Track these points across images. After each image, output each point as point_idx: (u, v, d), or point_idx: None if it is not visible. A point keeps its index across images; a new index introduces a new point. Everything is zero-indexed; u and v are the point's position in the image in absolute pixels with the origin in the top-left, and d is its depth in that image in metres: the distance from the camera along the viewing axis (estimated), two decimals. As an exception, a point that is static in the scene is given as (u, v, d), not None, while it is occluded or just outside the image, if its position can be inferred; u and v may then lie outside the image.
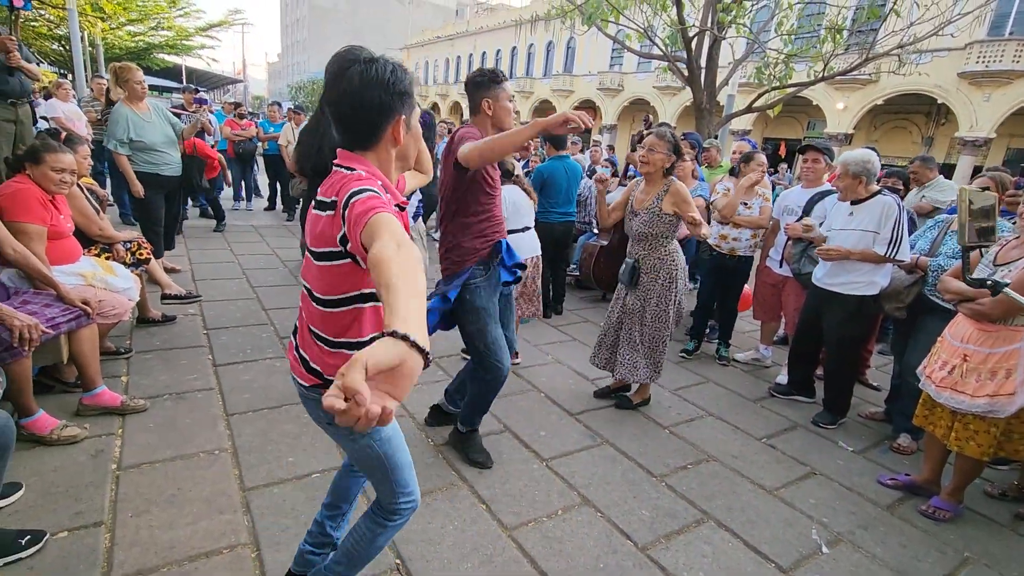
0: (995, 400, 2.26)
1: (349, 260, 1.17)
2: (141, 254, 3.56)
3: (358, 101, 1.19)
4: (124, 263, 3.39)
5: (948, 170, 16.65)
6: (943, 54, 15.66)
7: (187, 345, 3.52)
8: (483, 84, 2.33)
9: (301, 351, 1.37)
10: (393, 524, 1.46)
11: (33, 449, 2.30)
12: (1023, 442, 2.40)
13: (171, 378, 3.06)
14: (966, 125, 17.12)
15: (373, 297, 1.26)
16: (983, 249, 2.51)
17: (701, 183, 4.42)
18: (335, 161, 1.28)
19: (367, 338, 1.29)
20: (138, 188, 4.14)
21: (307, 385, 1.36)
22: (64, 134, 3.33)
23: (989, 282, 1.77)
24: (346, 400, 0.65)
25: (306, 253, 1.27)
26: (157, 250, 4.40)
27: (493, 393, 2.52)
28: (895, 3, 6.57)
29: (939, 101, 17.82)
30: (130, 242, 3.54)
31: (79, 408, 2.60)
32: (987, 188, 2.85)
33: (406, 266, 0.89)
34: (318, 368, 1.33)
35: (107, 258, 3.32)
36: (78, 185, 3.18)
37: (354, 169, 1.24)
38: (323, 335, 1.30)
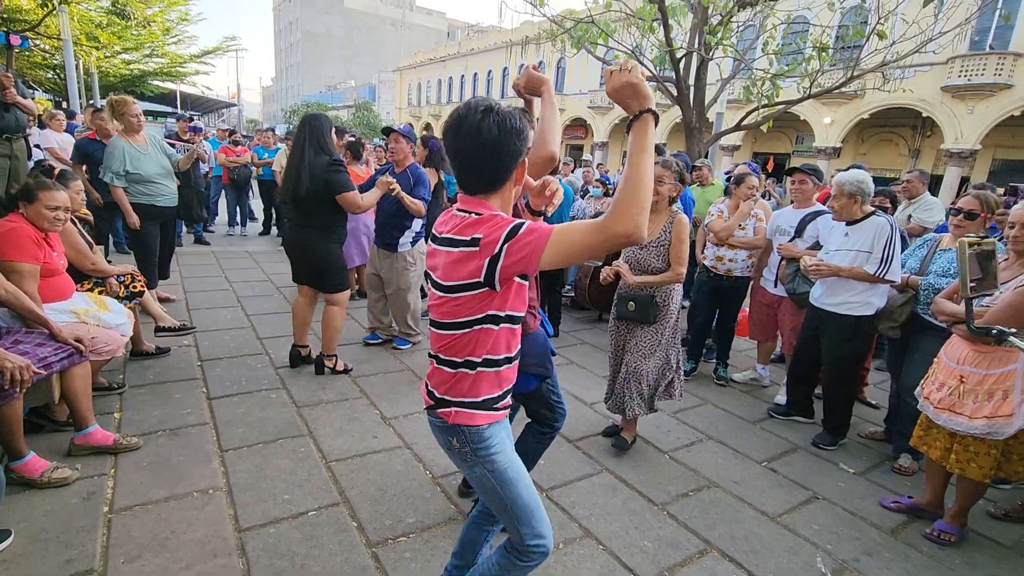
0: (993, 422, 2.26)
1: (485, 288, 1.26)
2: (135, 287, 3.54)
3: (497, 150, 1.28)
4: (118, 297, 3.37)
5: (935, 181, 16.88)
6: (926, 69, 15.97)
7: (181, 378, 3.48)
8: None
9: (427, 381, 1.49)
10: (523, 564, 1.49)
11: (23, 493, 2.25)
12: (1022, 463, 2.40)
13: (164, 413, 3.03)
14: (951, 137, 17.39)
15: (501, 319, 1.34)
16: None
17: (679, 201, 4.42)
18: (460, 207, 1.36)
19: (499, 356, 1.38)
20: (134, 220, 4.14)
21: (425, 407, 1.48)
22: (57, 170, 3.33)
23: (994, 331, 1.78)
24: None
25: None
26: (151, 281, 4.38)
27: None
28: (878, 23, 6.70)
29: (924, 114, 18.12)
30: (123, 275, 3.52)
31: (71, 448, 2.56)
32: (973, 210, 2.88)
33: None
34: (432, 389, 1.44)
35: (100, 292, 3.30)
36: (72, 219, 3.17)
37: (480, 213, 1.31)
38: (446, 359, 1.40)
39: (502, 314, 1.33)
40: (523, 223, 1.21)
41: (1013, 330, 1.92)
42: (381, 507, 2.39)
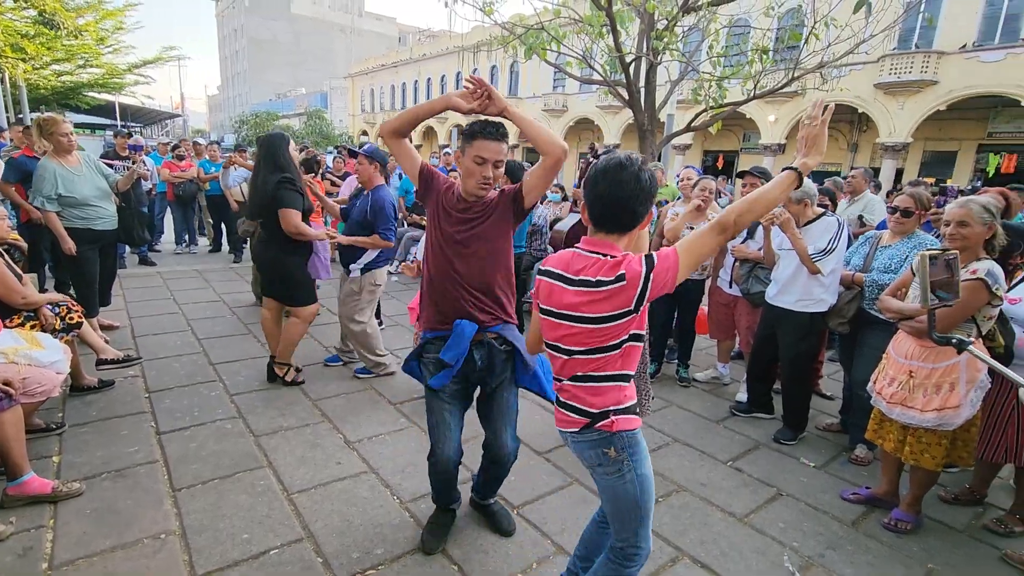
0: (943, 414, 2.36)
1: (634, 314, 1.47)
2: (72, 318, 3.31)
3: (644, 198, 1.49)
4: (54, 329, 3.15)
5: (874, 173, 17.77)
6: (859, 67, 16.78)
7: (127, 413, 3.29)
8: (461, 133, 2.07)
9: (567, 403, 1.61)
10: (629, 570, 1.65)
11: (-51, 555, 2.07)
12: (967, 449, 2.52)
13: (109, 453, 2.84)
14: (885, 132, 18.36)
15: (641, 336, 1.55)
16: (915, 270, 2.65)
17: None
18: (589, 248, 1.53)
19: (634, 367, 1.59)
20: (69, 245, 3.89)
21: (577, 429, 1.59)
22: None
23: (954, 340, 1.85)
24: None
25: (551, 318, 1.58)
26: (91, 310, 4.13)
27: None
28: (813, 27, 6.98)
29: (860, 110, 19.06)
30: (58, 305, 3.30)
31: (3, 500, 2.36)
32: (909, 208, 3.02)
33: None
34: (587, 408, 1.57)
35: (33, 326, 3.08)
36: (-3, 251, 2.95)
37: (614, 255, 1.49)
38: (605, 375, 1.55)
39: (641, 332, 1.54)
40: (653, 255, 1.45)
41: (972, 339, 2.01)
42: (347, 539, 2.31)
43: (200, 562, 2.13)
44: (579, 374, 1.57)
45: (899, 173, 19.04)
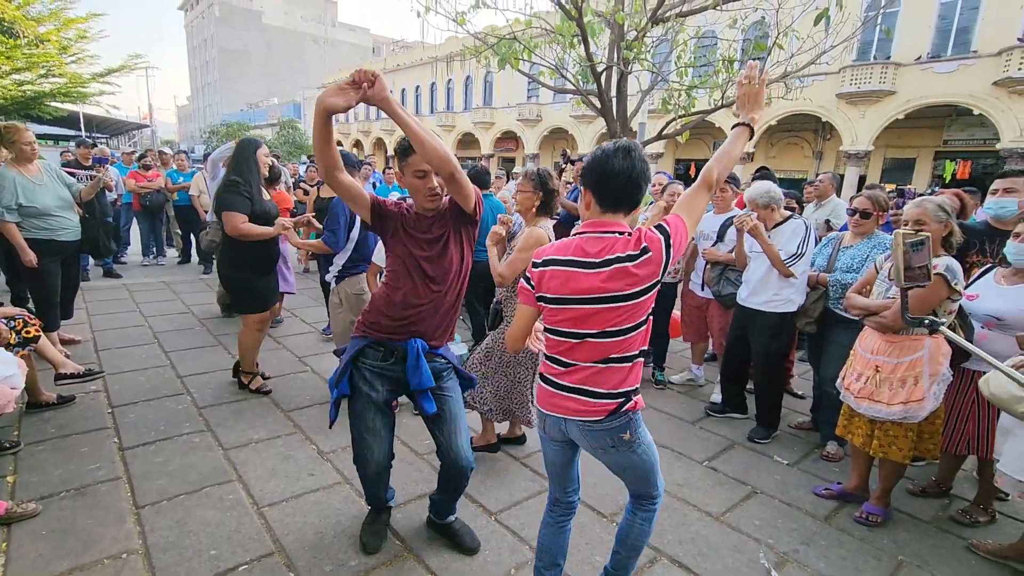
0: (908, 407, 2.42)
1: (658, 284, 1.58)
2: (28, 332, 3.17)
3: (648, 176, 1.60)
4: (8, 344, 3.02)
5: (838, 180, 18.34)
6: (822, 78, 17.29)
7: (88, 429, 3.16)
8: (396, 153, 2.01)
9: (591, 389, 1.63)
10: (658, 505, 1.83)
11: None
12: (932, 441, 2.59)
13: (68, 471, 2.73)
14: (848, 140, 18.98)
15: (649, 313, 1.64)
16: (879, 268, 2.73)
17: None
18: (604, 229, 1.59)
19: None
20: (29, 257, 3.75)
21: (603, 416, 1.62)
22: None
23: (927, 320, 1.89)
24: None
25: (581, 304, 1.58)
26: (51, 324, 3.98)
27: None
28: (777, 37, 7.20)
29: (824, 119, 19.68)
30: (13, 319, 3.16)
31: (-48, 523, 2.25)
32: (867, 210, 3.11)
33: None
34: (613, 390, 1.62)
35: (-16, 342, 2.95)
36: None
37: (626, 232, 1.58)
38: (627, 355, 1.62)
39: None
40: (662, 224, 1.57)
41: (944, 320, 2.06)
42: (320, 552, 2.25)
43: (164, 581, 2.04)
44: (612, 356, 1.61)
45: (862, 179, 19.65)
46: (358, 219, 3.51)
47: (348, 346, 2.17)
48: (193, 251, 8.27)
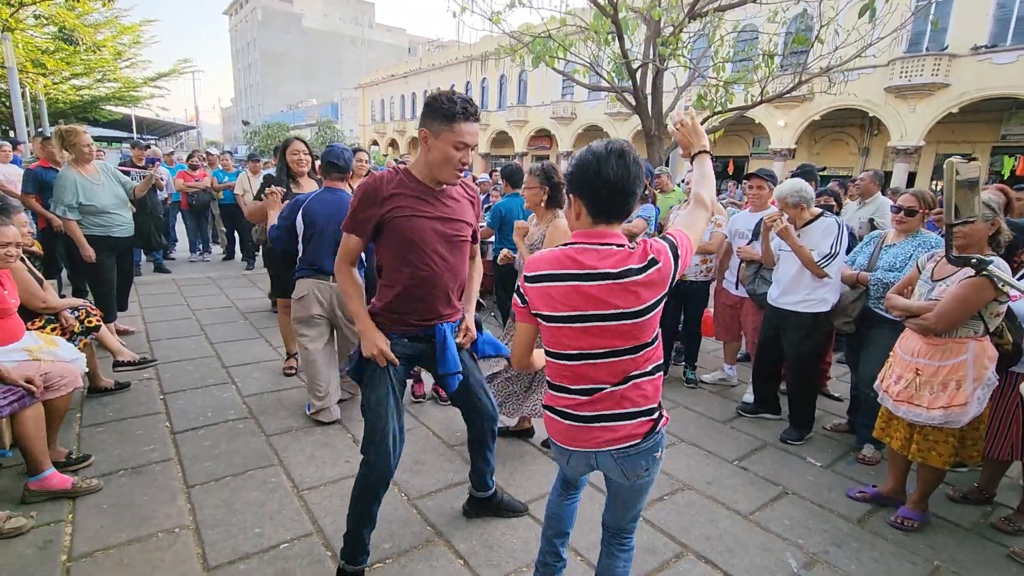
0: (950, 411, 2.36)
1: (667, 297, 1.48)
2: (90, 321, 3.41)
3: (637, 183, 1.45)
4: (73, 332, 3.25)
5: (886, 177, 17.63)
6: (869, 71, 16.72)
7: (143, 413, 3.37)
8: (431, 112, 1.83)
9: (623, 411, 1.51)
10: (632, 544, 1.75)
11: (-27, 546, 2.14)
12: (976, 448, 2.50)
13: (126, 451, 2.92)
14: (897, 135, 18.21)
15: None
16: (921, 268, 2.66)
17: (645, 207, 4.49)
18: (602, 241, 1.46)
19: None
20: (89, 253, 4.01)
21: (640, 439, 1.51)
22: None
23: (974, 260, 1.79)
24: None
25: (600, 322, 1.45)
26: (109, 314, 4.24)
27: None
28: (819, 31, 7.00)
29: (871, 114, 18.94)
30: (77, 310, 3.39)
31: (25, 495, 2.44)
32: (912, 207, 3.03)
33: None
34: (644, 408, 1.52)
35: (53, 329, 3.18)
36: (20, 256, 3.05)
37: (624, 244, 1.46)
38: (649, 369, 1.52)
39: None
40: (669, 237, 1.49)
41: (993, 258, 1.96)
42: (356, 534, 2.35)
43: (212, 555, 2.18)
44: (632, 373, 1.49)
45: (911, 176, 18.86)
46: (299, 227, 3.28)
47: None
48: (237, 248, 8.61)
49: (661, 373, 1.57)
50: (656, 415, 1.54)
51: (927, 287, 2.57)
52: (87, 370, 3.11)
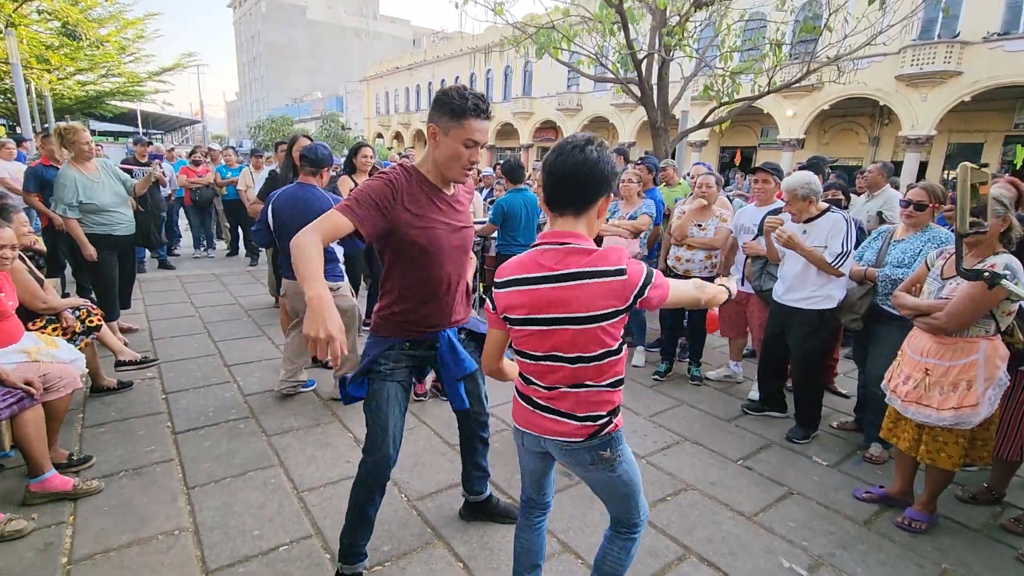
0: (960, 412, 2.31)
1: (625, 314, 1.45)
2: (91, 321, 3.41)
3: (595, 173, 1.41)
4: (75, 333, 3.25)
5: (896, 167, 17.39)
6: (880, 59, 16.46)
7: (144, 413, 3.37)
8: (441, 107, 1.74)
9: (570, 412, 1.54)
10: (637, 537, 1.72)
11: (-26, 549, 2.14)
12: (986, 448, 2.46)
13: (127, 452, 2.92)
14: (908, 124, 17.94)
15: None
16: (930, 265, 2.60)
17: (647, 201, 4.43)
18: (555, 240, 1.45)
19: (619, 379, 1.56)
20: (90, 251, 4.00)
21: (583, 438, 1.54)
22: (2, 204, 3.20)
23: (986, 273, 1.74)
24: None
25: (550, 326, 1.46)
26: (112, 313, 4.25)
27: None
28: (828, 19, 6.87)
29: (881, 103, 18.67)
30: (78, 309, 3.39)
31: (26, 496, 2.44)
32: (922, 201, 2.96)
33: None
34: (593, 414, 1.53)
35: (54, 330, 3.18)
36: (20, 256, 3.05)
37: (585, 245, 1.45)
38: (605, 383, 1.52)
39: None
40: (653, 272, 1.44)
41: (1007, 272, 1.91)
42: (355, 536, 2.33)
43: (212, 557, 2.17)
44: (587, 382, 1.51)
45: (923, 166, 18.61)
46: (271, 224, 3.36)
47: (367, 348, 2.01)
48: (241, 244, 8.61)
49: (620, 389, 1.57)
50: (602, 421, 1.54)
51: (936, 285, 2.51)
52: (87, 371, 3.11)
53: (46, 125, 14.90)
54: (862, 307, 3.16)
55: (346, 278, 3.77)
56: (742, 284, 4.00)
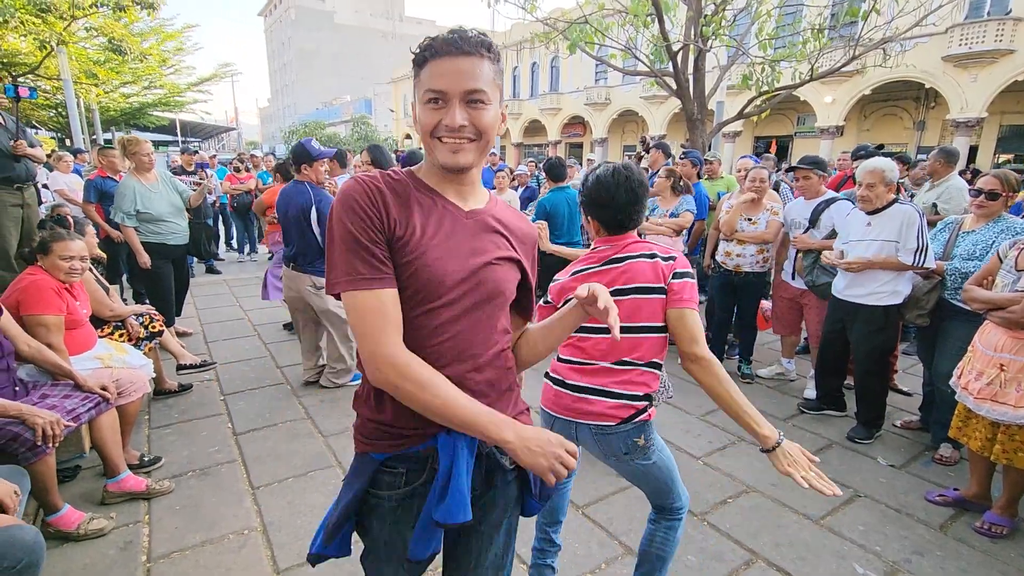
0: (1040, 410, 2.19)
1: (664, 296, 1.62)
2: (154, 327, 3.54)
3: (646, 194, 1.73)
4: (139, 338, 3.38)
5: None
6: (925, 40, 15.75)
7: (205, 415, 3.48)
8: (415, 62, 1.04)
9: (608, 390, 1.64)
10: (680, 522, 1.78)
11: (60, 547, 2.25)
12: (1072, 448, 2.32)
13: (193, 453, 3.02)
14: (956, 107, 17.12)
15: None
16: (1003, 256, 2.47)
17: (685, 198, 4.32)
18: (622, 241, 1.72)
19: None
20: (145, 259, 4.15)
21: (616, 423, 1.61)
22: (71, 219, 3.34)
23: None
24: None
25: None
26: (168, 319, 4.39)
27: None
28: (875, 1, 6.60)
29: (927, 86, 17.86)
30: (142, 316, 3.53)
31: (104, 496, 2.56)
32: (995, 190, 2.81)
33: None
34: (632, 392, 1.63)
35: (120, 335, 3.31)
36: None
37: (644, 242, 1.72)
38: (641, 361, 1.66)
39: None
40: (689, 274, 1.64)
41: None
42: (418, 537, 2.36)
43: (282, 557, 2.23)
44: (626, 359, 1.63)
45: (973, 150, 17.75)
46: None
47: (349, 476, 1.18)
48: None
49: (658, 375, 1.67)
50: (638, 405, 1.63)
51: (1011, 277, 2.39)
52: (154, 375, 3.23)
53: (94, 136, 15.56)
54: (928, 302, 3.03)
55: None
56: (793, 279, 3.90)
